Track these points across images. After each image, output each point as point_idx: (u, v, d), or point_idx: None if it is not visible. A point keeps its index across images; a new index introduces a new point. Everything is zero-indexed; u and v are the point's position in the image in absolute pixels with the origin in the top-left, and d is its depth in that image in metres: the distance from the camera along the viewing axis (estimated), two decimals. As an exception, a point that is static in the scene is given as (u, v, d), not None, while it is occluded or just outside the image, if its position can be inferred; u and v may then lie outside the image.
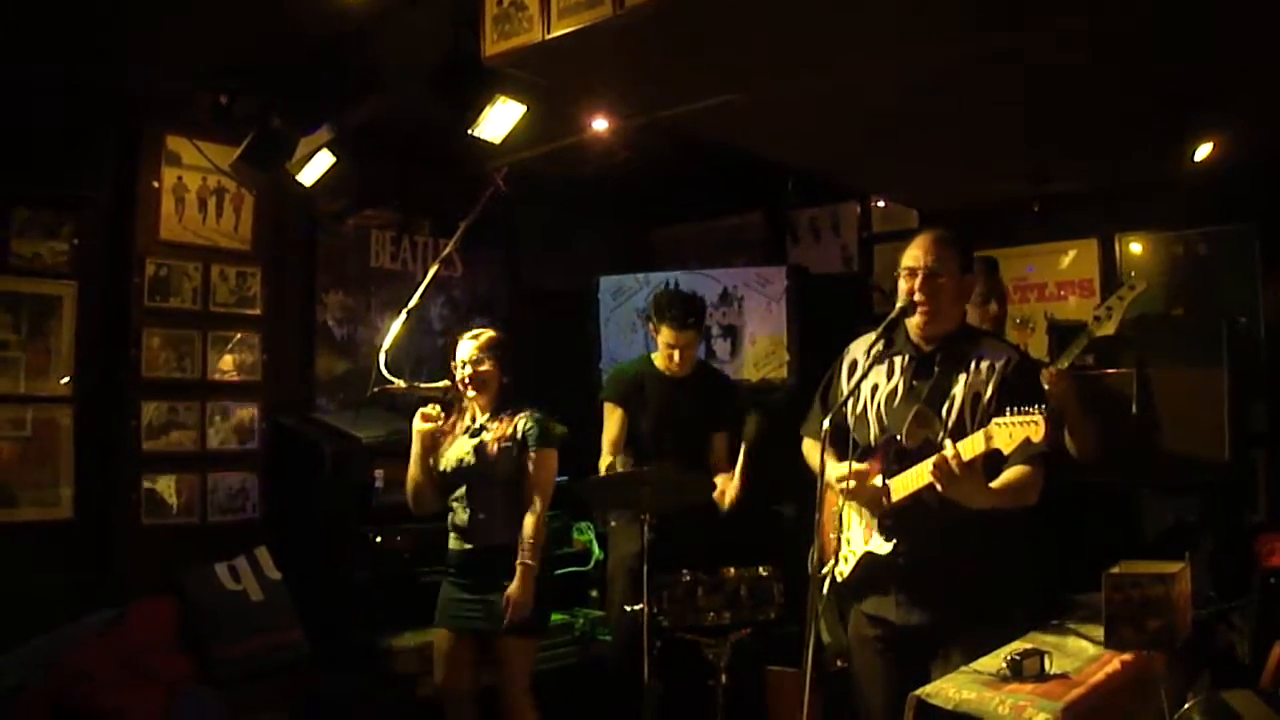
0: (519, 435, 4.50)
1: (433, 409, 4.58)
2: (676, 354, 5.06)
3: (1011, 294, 6.04)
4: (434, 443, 4.60)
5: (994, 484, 3.23)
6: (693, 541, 4.76)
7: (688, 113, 4.49)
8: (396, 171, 6.05)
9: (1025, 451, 3.11)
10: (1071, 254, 6.04)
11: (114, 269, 5.16)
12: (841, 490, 3.38)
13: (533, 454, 4.47)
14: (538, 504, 4.44)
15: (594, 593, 5.96)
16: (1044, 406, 3.05)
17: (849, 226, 6.94)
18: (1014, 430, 3.02)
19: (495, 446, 4.50)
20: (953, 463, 3.12)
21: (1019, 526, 3.38)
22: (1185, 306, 5.37)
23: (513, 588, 4.35)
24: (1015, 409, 3.04)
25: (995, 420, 3.07)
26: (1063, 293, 6.05)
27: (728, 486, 4.83)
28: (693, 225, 7.52)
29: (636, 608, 4.41)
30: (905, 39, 3.78)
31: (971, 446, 3.13)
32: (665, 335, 5.05)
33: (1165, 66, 3.98)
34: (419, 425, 4.56)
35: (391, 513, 5.31)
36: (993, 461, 3.18)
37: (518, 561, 4.36)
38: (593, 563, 6.02)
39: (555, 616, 5.19)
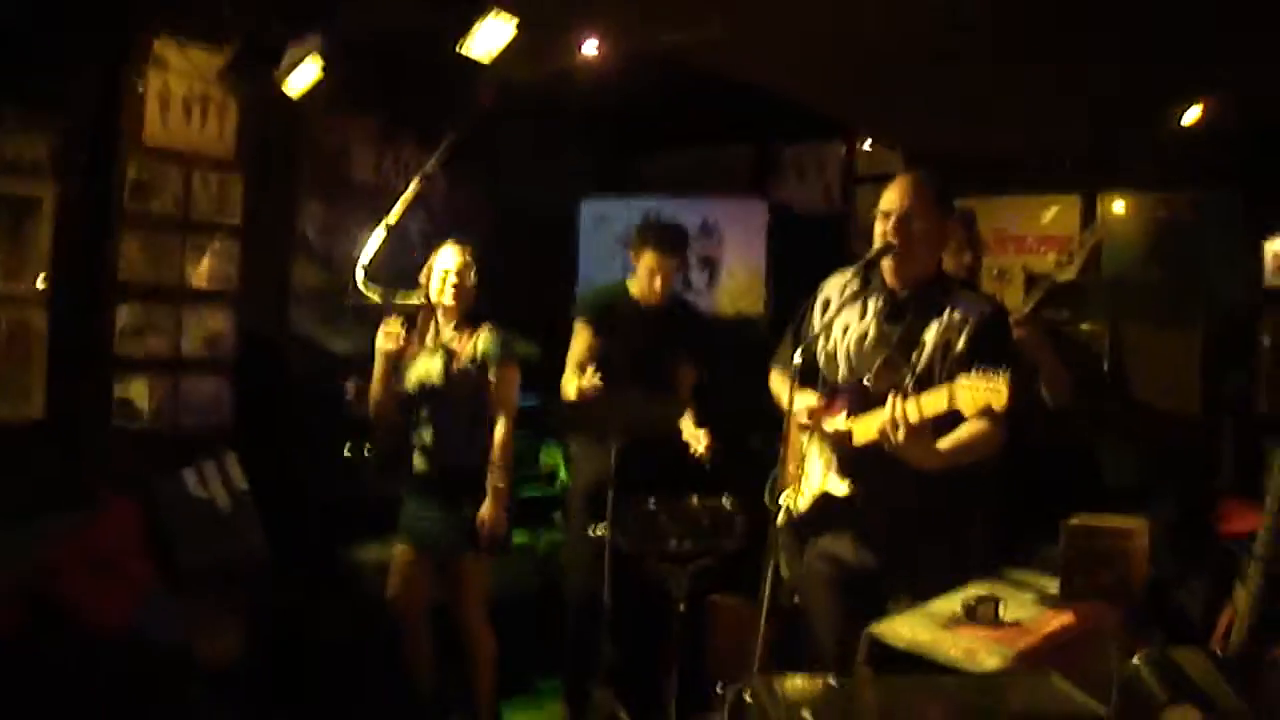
0: (479, 353, 4.49)
1: (395, 324, 4.54)
2: (658, 279, 5.05)
3: (991, 245, 6.03)
4: (398, 360, 4.59)
5: (945, 443, 3.23)
6: (657, 469, 4.77)
7: (678, 40, 4.44)
8: (383, 84, 5.96)
9: (986, 410, 3.09)
10: (1053, 210, 6.02)
11: (95, 171, 5.06)
12: (803, 424, 3.39)
13: (495, 371, 4.45)
14: (503, 422, 4.44)
15: (557, 514, 5.99)
16: (1008, 368, 3.04)
17: (833, 167, 6.90)
18: (977, 393, 2.99)
19: (458, 365, 4.49)
20: (910, 415, 3.11)
21: (979, 474, 3.38)
22: (1165, 269, 5.36)
23: (485, 509, 4.37)
24: (982, 369, 3.01)
25: (961, 379, 3.04)
26: (1042, 248, 6.03)
27: (697, 434, 4.87)
28: (677, 154, 7.46)
29: (598, 532, 4.43)
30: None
31: (934, 403, 3.11)
32: (648, 259, 5.05)
33: (1164, 19, 3.94)
34: (383, 344, 4.53)
35: (361, 425, 5.29)
36: (951, 416, 3.17)
37: (488, 483, 4.36)
38: (558, 485, 6.05)
39: (520, 537, 5.22)
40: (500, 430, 4.45)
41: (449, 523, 4.49)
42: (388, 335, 4.53)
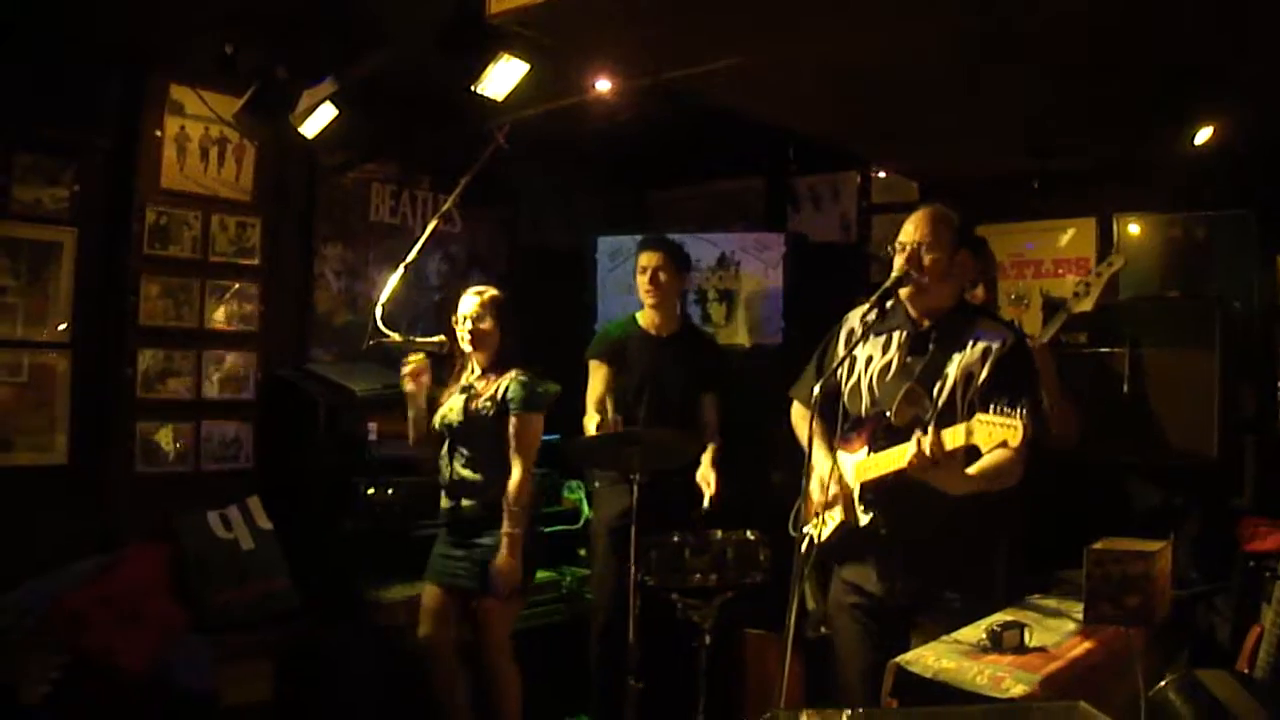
0: (500, 397, 4.52)
1: (416, 359, 4.60)
2: (647, 279, 5.08)
3: (1008, 270, 6.07)
4: (426, 400, 4.65)
5: (971, 469, 3.24)
6: (680, 504, 4.81)
7: (689, 75, 4.47)
8: (398, 126, 5.97)
9: (1002, 445, 3.08)
10: (1070, 232, 6.01)
11: (114, 216, 5.12)
12: (823, 492, 3.45)
13: (514, 417, 4.49)
14: (518, 468, 4.46)
15: (582, 551, 5.97)
16: (1029, 402, 3.08)
17: (849, 196, 6.90)
18: (993, 430, 3.00)
19: (477, 405, 4.54)
20: (931, 450, 3.12)
21: (1002, 501, 3.38)
22: (1180, 289, 5.35)
23: (499, 557, 4.39)
24: (999, 407, 3.03)
25: (979, 416, 3.06)
26: (1060, 270, 6.02)
27: (709, 477, 4.89)
28: (693, 189, 7.48)
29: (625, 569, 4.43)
30: (903, 15, 3.77)
31: (952, 438, 3.12)
32: (640, 260, 5.15)
33: (1167, 45, 3.97)
34: (407, 386, 4.64)
35: (385, 466, 5.34)
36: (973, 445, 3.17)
37: (502, 531, 4.39)
38: (582, 521, 6.03)
39: (542, 574, 5.22)
40: (515, 475, 4.47)
41: (468, 562, 4.52)
42: (408, 372, 4.61)
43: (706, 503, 4.84)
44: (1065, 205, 5.94)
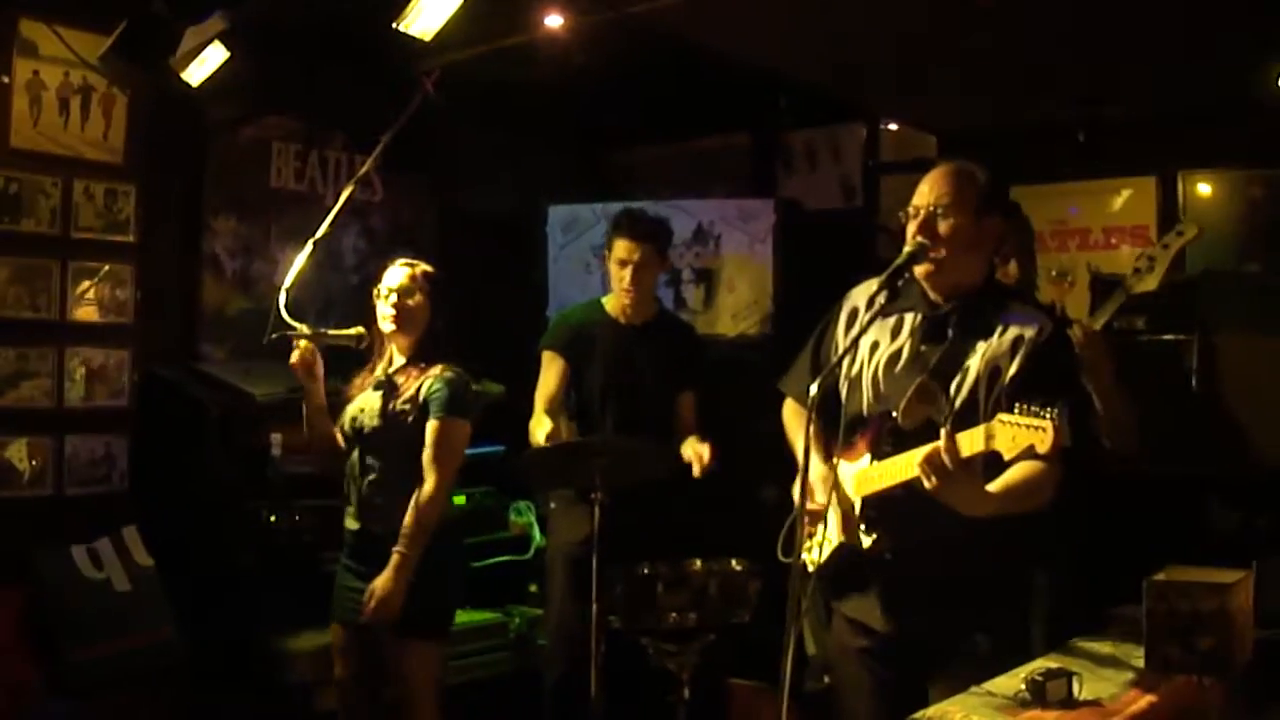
0: (422, 397, 4.46)
1: (304, 344, 4.54)
2: (628, 275, 5.07)
3: (1048, 241, 6.06)
4: (346, 392, 4.63)
5: (993, 486, 3.18)
6: (652, 528, 4.75)
7: (656, 8, 4.45)
8: (304, 72, 5.94)
9: (1030, 453, 3.02)
10: (1124, 194, 6.01)
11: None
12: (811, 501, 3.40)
13: (434, 420, 4.43)
14: (430, 483, 4.38)
15: (533, 587, 5.97)
16: (1067, 403, 3.04)
17: (852, 154, 6.90)
18: (1018, 433, 2.95)
19: (396, 406, 4.47)
20: (946, 457, 3.05)
21: (1040, 519, 3.32)
22: (1262, 262, 5.34)
23: (379, 579, 4.32)
24: (1028, 406, 2.97)
25: (1000, 417, 3.01)
26: (1112, 240, 6.03)
27: (700, 450, 4.83)
28: (663, 147, 7.49)
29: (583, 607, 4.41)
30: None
31: (969, 443, 3.06)
32: (615, 250, 5.09)
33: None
34: (294, 364, 4.57)
35: (291, 486, 5.31)
36: (997, 456, 3.11)
37: (395, 547, 4.33)
38: (533, 550, 6.04)
39: (484, 615, 5.19)
40: (426, 488, 4.38)
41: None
42: (296, 360, 4.54)
43: (700, 469, 4.79)
44: (1119, 161, 5.93)
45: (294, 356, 4.53)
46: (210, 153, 5.94)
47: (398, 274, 4.56)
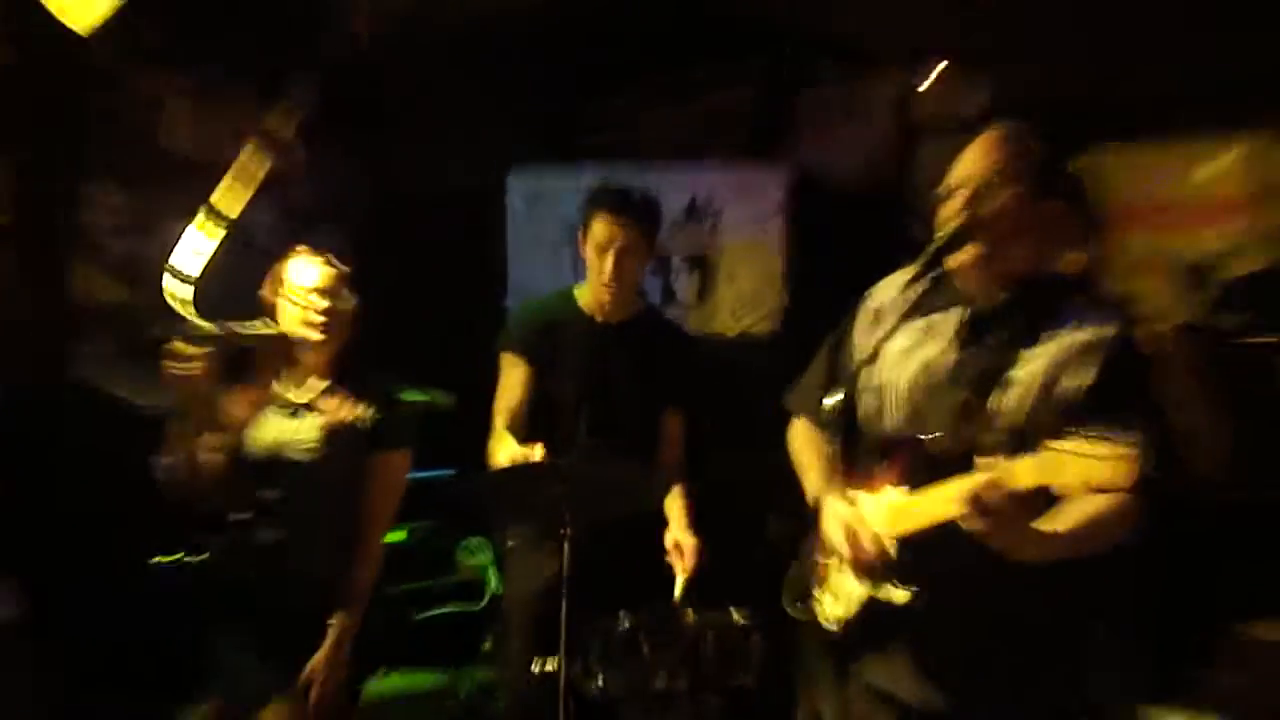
0: (361, 426, 4.43)
1: (187, 346, 4.36)
2: (609, 263, 5.04)
3: (1120, 220, 6.04)
4: (204, 402, 4.48)
5: (1058, 524, 3.17)
6: (634, 570, 4.81)
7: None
8: (206, 14, 5.99)
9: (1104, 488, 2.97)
10: (1216, 163, 5.95)
11: None
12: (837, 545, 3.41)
13: (378, 455, 4.47)
14: (374, 530, 4.46)
15: (487, 644, 5.99)
16: (1147, 424, 3.07)
17: (882, 112, 6.93)
18: (1090, 466, 2.88)
19: (326, 436, 4.45)
20: (997, 493, 3.02)
21: (1107, 567, 3.36)
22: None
23: (318, 655, 4.34)
24: (1101, 428, 2.97)
25: (1066, 443, 2.93)
26: (1199, 222, 5.92)
27: (685, 543, 4.89)
28: (648, 103, 7.49)
29: (549, 667, 4.44)
30: None
31: (1026, 474, 2.99)
32: (599, 230, 5.04)
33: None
34: (171, 374, 4.38)
35: (182, 517, 5.29)
36: None
37: (330, 619, 4.37)
38: (487, 599, 6.07)
39: (427, 678, 5.20)
40: (363, 549, 4.44)
41: (291, 675, 4.42)
42: (181, 370, 4.36)
43: (681, 587, 4.82)
44: (1217, 118, 5.90)
45: (177, 367, 4.35)
46: (89, 110, 5.95)
47: (314, 270, 4.51)
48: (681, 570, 4.83)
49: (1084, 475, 2.88)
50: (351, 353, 4.58)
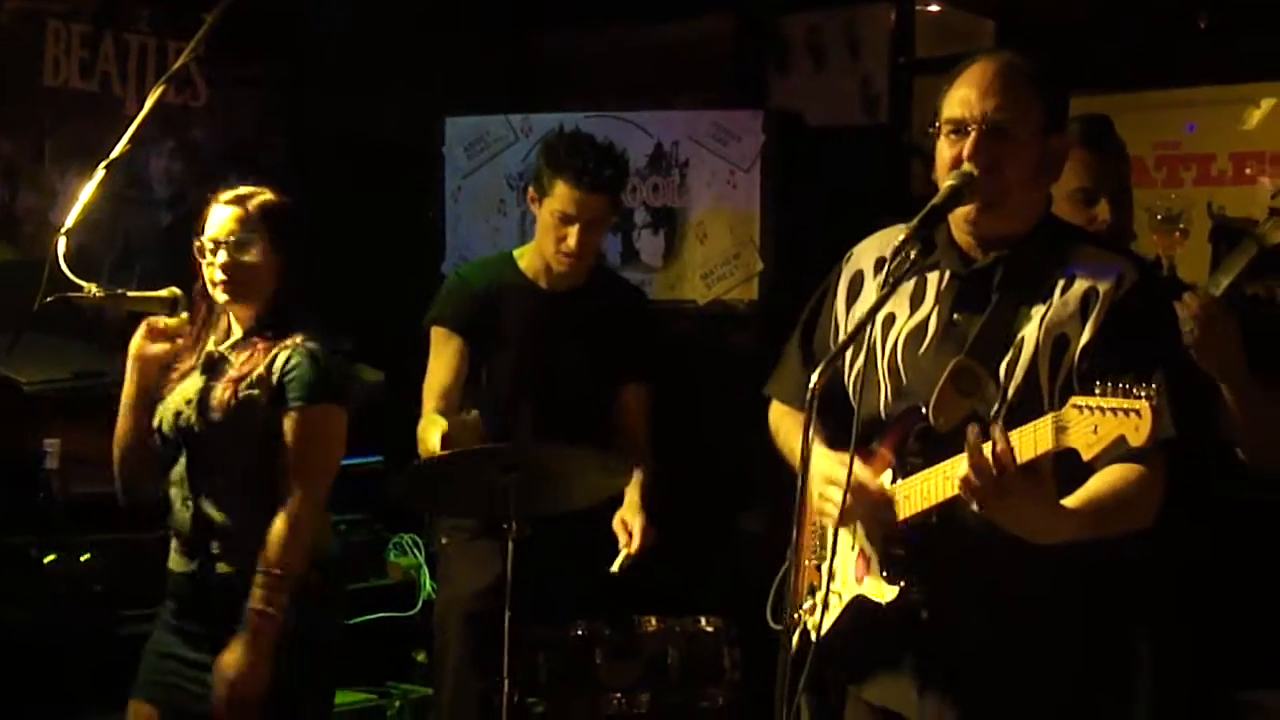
0: (275, 378, 4.38)
1: (166, 320, 4.44)
2: (572, 235, 5.03)
3: (1152, 172, 6.04)
4: (161, 380, 4.49)
5: (1072, 500, 3.12)
6: (588, 572, 4.82)
7: None
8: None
9: (1119, 449, 2.94)
10: (1266, 105, 5.96)
11: None
12: (827, 508, 3.38)
13: (294, 412, 4.39)
14: (296, 499, 4.30)
15: (421, 655, 6.00)
16: (1167, 374, 3.02)
17: (875, 46, 6.94)
18: (1101, 421, 2.83)
19: (230, 393, 4.37)
20: (999, 465, 2.97)
21: (1132, 564, 3.37)
22: None
23: (230, 654, 4.23)
24: (1112, 384, 2.84)
25: (1074, 401, 2.90)
26: (1246, 170, 5.98)
27: (632, 522, 4.89)
28: (608, 35, 7.51)
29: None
30: None
31: (1031, 442, 2.97)
32: (558, 199, 5.02)
33: None
34: (141, 348, 4.43)
35: (75, 513, 5.33)
36: (1074, 457, 3.01)
37: (249, 605, 4.24)
38: (420, 604, 6.08)
39: (353, 696, 5.20)
40: (288, 514, 4.28)
41: (213, 669, 4.44)
42: (152, 330, 4.42)
43: (620, 561, 4.83)
44: (1256, 61, 5.89)
45: (144, 340, 4.42)
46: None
47: (223, 216, 4.40)
48: (624, 547, 4.84)
49: (1099, 435, 2.83)
50: (279, 309, 4.45)
